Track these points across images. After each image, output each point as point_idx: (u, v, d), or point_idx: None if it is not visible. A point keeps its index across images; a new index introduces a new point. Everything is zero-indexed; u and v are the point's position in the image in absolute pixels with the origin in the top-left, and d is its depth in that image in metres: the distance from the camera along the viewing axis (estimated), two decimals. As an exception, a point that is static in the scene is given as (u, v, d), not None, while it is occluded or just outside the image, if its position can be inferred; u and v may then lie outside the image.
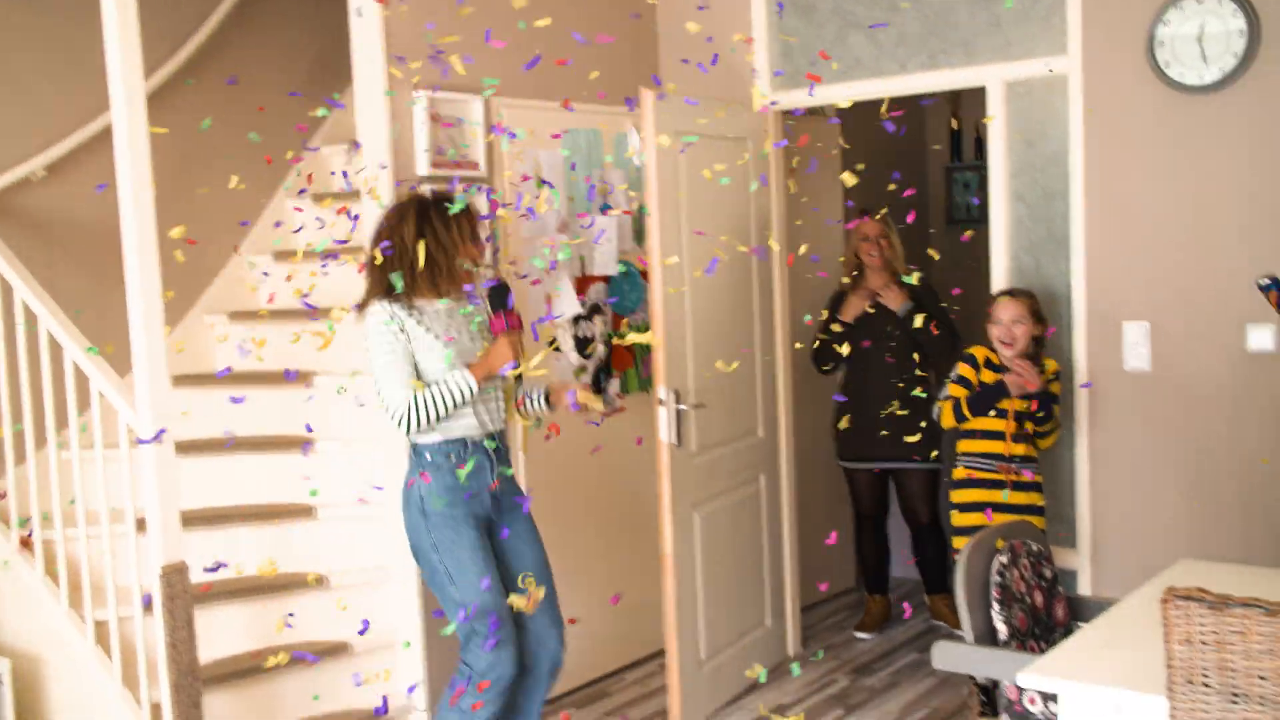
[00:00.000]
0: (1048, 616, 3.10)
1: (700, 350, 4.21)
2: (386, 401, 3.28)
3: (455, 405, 3.28)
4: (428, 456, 3.34)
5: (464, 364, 3.31)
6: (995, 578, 2.95)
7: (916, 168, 6.65)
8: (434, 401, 3.26)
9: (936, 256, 4.01)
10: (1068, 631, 3.15)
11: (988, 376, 3.99)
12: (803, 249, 4.34)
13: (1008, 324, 3.88)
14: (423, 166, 3.96)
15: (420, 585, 3.92)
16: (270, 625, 3.93)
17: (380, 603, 4.09)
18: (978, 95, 4.29)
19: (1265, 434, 3.70)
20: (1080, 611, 3.20)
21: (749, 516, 4.58)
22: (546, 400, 3.59)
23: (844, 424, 4.93)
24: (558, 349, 3.96)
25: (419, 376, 3.30)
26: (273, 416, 4.32)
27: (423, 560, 3.38)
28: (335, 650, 3.97)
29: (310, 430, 4.22)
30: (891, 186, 4.37)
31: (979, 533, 3.07)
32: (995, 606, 2.94)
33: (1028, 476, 3.96)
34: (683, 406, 4.07)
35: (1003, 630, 2.93)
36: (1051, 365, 3.96)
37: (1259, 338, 3.68)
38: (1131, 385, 3.91)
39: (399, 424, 3.27)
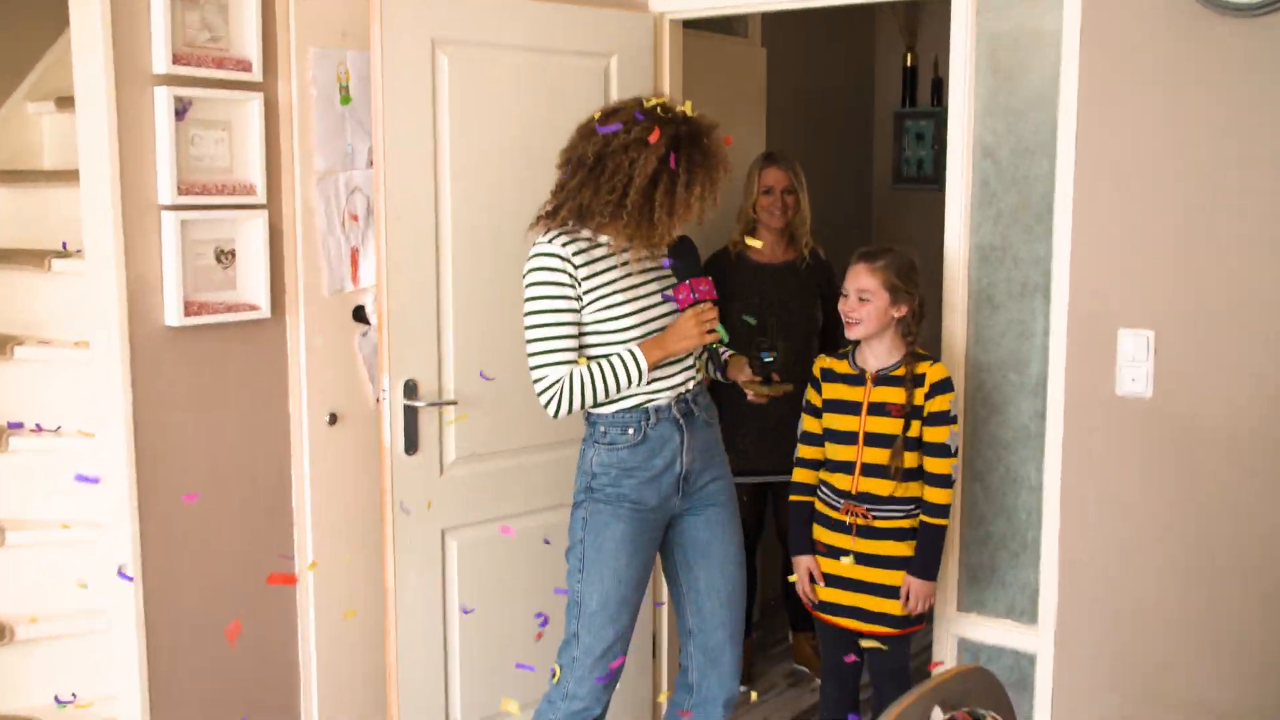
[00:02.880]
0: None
1: (472, 331, 3.19)
2: (533, 373, 2.79)
3: (618, 390, 2.78)
4: (601, 429, 2.85)
5: (638, 339, 2.80)
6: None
7: (861, 112, 5.54)
8: (591, 386, 2.76)
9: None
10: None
11: (841, 392, 3.07)
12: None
13: (853, 298, 3.00)
14: (160, 62, 2.80)
15: (146, 638, 2.83)
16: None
17: (90, 661, 2.98)
18: (940, 19, 3.17)
19: (1306, 496, 2.65)
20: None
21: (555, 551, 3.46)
22: (723, 373, 3.06)
23: None
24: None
25: (585, 336, 2.80)
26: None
27: (571, 536, 2.90)
28: (9, 734, 2.86)
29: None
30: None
31: (906, 698, 1.95)
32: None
33: (883, 523, 3.01)
34: (418, 403, 3.09)
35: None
36: (934, 372, 2.97)
37: (1308, 363, 2.62)
38: (1124, 416, 2.84)
39: (544, 405, 2.78)
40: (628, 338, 2.78)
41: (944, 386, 2.95)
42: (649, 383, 2.80)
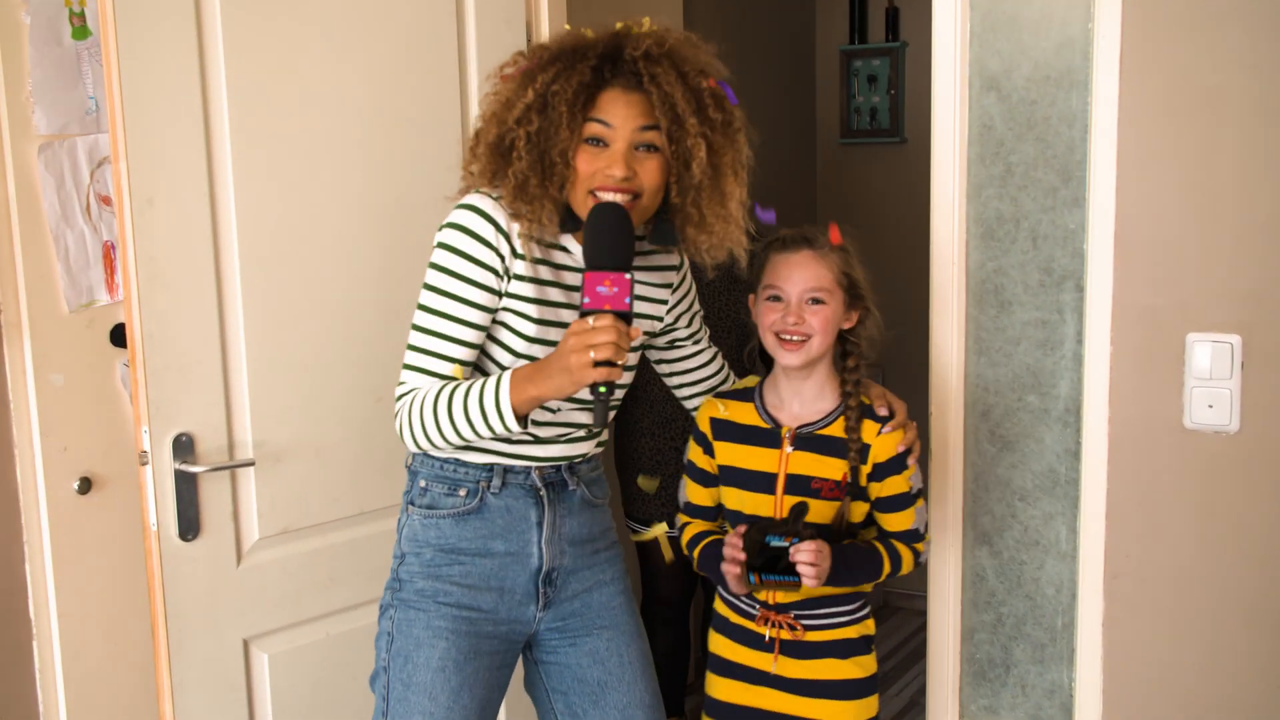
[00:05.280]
0: None
1: (278, 357, 2.24)
2: (401, 375, 1.88)
3: (469, 432, 1.81)
4: (420, 483, 1.96)
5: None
6: None
7: (799, 51, 4.64)
8: (434, 413, 1.82)
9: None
10: None
11: (743, 457, 2.08)
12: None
13: (796, 303, 1.99)
14: None
15: None
16: None
17: None
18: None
19: None
20: None
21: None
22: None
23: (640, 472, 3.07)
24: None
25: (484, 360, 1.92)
26: None
27: (376, 656, 1.96)
28: None
29: None
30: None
31: None
32: None
33: (820, 635, 2.06)
34: (196, 468, 2.12)
35: None
36: (882, 445, 2.01)
37: None
38: (1194, 456, 2.00)
39: (397, 428, 1.88)
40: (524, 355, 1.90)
41: (895, 466, 2.02)
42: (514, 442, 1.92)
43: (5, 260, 2.14)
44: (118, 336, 2.29)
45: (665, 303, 2.04)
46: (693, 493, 2.17)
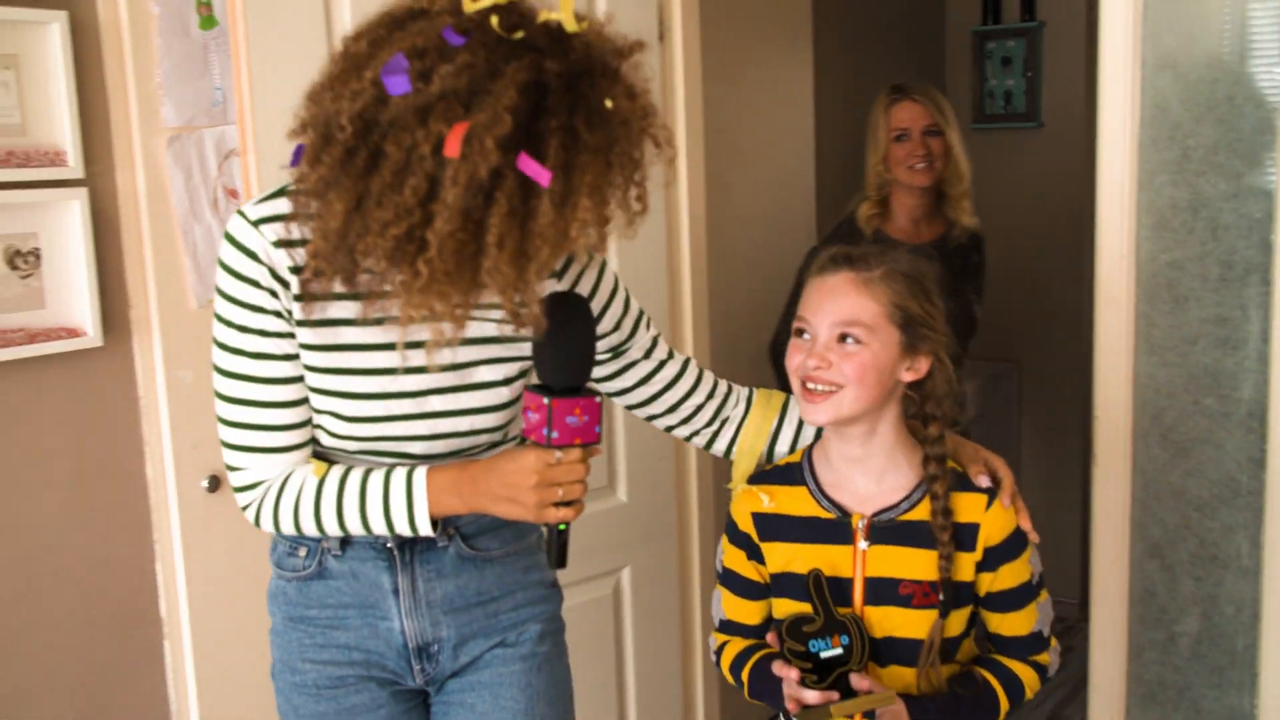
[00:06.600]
0: None
1: None
2: (226, 455, 1.54)
3: (357, 532, 1.53)
4: (273, 538, 1.65)
5: (366, 443, 1.54)
6: None
7: (929, 32, 4.48)
8: (314, 515, 1.51)
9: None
10: None
11: (802, 558, 1.62)
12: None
13: (824, 342, 1.55)
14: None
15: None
16: None
17: None
18: None
19: None
20: None
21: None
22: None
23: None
24: None
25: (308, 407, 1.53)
26: None
27: None
28: None
29: None
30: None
31: None
32: None
33: None
34: None
35: None
36: (994, 519, 1.57)
37: None
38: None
39: (242, 508, 1.56)
40: (347, 436, 1.52)
41: (1012, 549, 1.58)
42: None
43: (134, 255, 2.11)
44: (246, 332, 2.25)
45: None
46: (733, 608, 1.70)
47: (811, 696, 1.49)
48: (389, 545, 1.56)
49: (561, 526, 1.47)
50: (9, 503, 1.99)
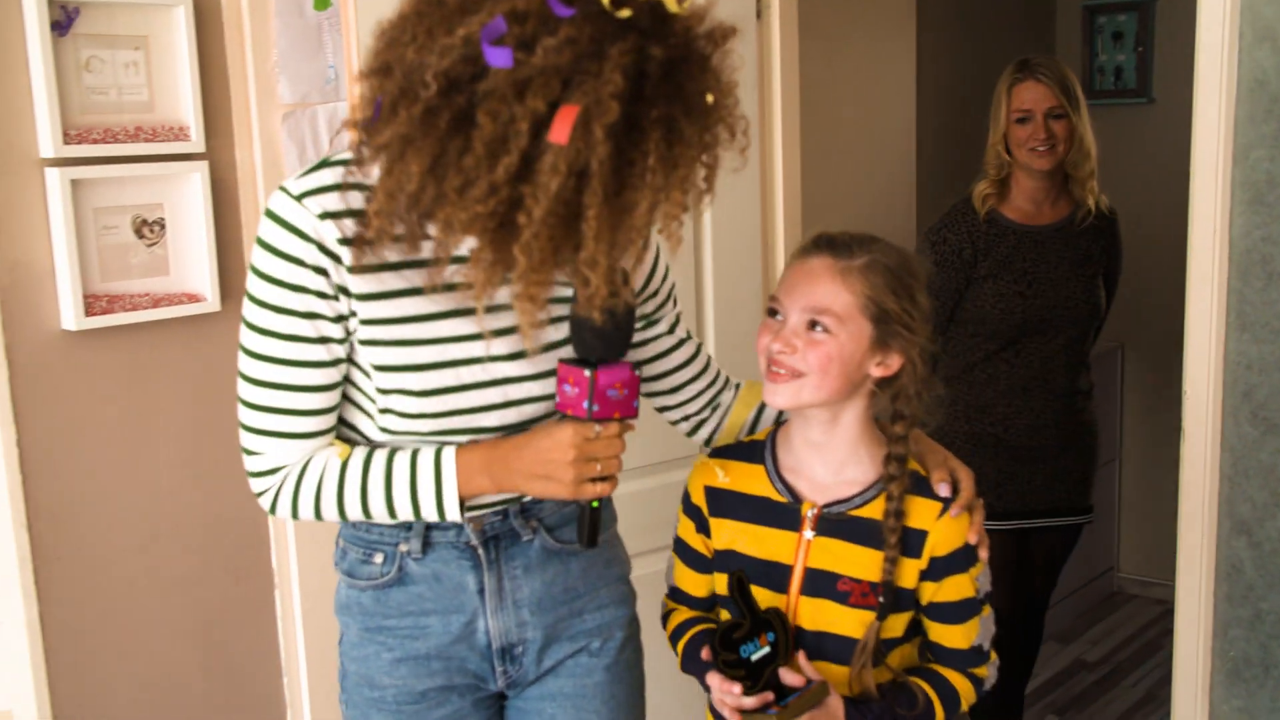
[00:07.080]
0: None
1: None
2: (243, 438, 1.50)
3: (389, 517, 1.49)
4: (340, 545, 1.60)
5: (441, 428, 1.48)
6: None
7: (1038, 7, 4.42)
8: (337, 497, 1.47)
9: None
10: None
11: (749, 539, 1.61)
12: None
13: (791, 326, 1.52)
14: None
15: None
16: None
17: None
18: None
19: None
20: None
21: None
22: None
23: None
24: None
25: (353, 394, 1.49)
26: None
27: None
28: None
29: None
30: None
31: None
32: None
33: None
34: None
35: None
36: (945, 529, 1.54)
37: None
38: None
39: (257, 495, 1.53)
40: (419, 415, 1.46)
41: (960, 563, 1.54)
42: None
43: (251, 225, 2.22)
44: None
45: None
46: (682, 577, 1.70)
47: (750, 703, 1.48)
48: (472, 543, 1.52)
49: (594, 504, 1.46)
50: (138, 455, 2.13)
